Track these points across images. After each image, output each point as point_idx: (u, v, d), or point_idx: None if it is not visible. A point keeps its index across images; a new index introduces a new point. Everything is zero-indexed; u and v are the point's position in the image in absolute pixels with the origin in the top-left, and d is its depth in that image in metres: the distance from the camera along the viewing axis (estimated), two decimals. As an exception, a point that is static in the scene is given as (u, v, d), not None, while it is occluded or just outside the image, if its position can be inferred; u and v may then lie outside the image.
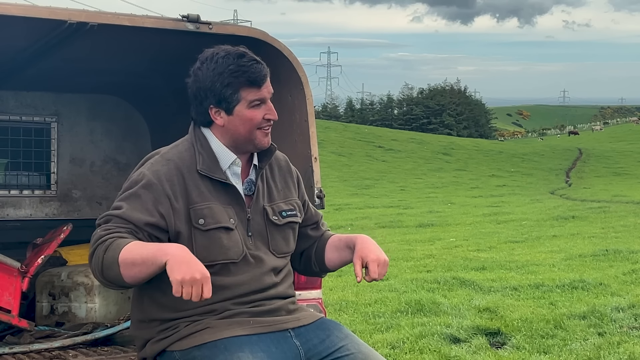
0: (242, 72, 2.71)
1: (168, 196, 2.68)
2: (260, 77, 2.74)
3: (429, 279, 9.50)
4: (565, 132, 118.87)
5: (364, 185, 37.57)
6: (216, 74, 2.71)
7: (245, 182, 2.85)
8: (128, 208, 2.65)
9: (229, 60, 2.72)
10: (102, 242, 2.58)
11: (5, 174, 5.40)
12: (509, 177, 45.02)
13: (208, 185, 2.75)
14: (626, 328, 6.67)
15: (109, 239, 2.57)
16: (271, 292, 2.82)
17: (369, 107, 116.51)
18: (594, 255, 11.59)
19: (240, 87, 2.72)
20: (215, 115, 2.77)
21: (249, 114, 2.75)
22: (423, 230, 17.43)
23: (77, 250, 4.95)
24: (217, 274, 2.72)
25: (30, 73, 4.75)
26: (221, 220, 2.73)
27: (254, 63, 2.74)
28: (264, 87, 2.76)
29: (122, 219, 2.63)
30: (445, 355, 5.97)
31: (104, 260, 2.55)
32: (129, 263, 2.51)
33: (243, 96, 2.73)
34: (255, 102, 2.75)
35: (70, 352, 3.88)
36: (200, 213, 2.70)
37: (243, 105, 2.74)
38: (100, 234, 2.61)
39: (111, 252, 2.54)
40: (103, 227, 2.64)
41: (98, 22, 3.51)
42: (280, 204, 2.91)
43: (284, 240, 2.90)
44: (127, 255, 2.51)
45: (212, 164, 2.78)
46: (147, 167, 2.73)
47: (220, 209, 2.74)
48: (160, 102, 5.16)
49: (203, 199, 2.73)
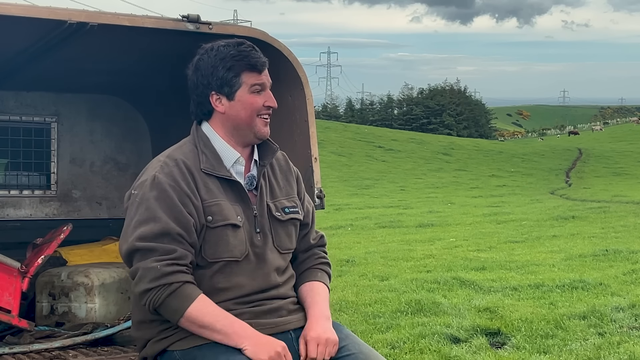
0: (243, 56, 2.78)
1: (187, 195, 2.70)
2: (260, 62, 2.81)
3: (429, 279, 9.48)
4: (565, 132, 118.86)
5: (364, 185, 37.56)
6: (218, 59, 2.77)
7: (247, 177, 2.87)
8: (166, 219, 2.64)
9: (230, 48, 2.79)
10: (166, 284, 2.61)
11: (5, 174, 5.40)
12: (509, 177, 44.99)
13: (215, 182, 2.78)
14: (626, 328, 6.66)
15: (175, 283, 2.61)
16: (272, 292, 2.83)
17: (369, 107, 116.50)
18: (594, 255, 11.58)
19: (242, 71, 2.77)
20: (217, 103, 2.80)
21: (250, 99, 2.79)
22: (423, 230, 17.41)
23: (77, 250, 4.95)
24: (219, 272, 2.74)
25: (30, 73, 4.75)
26: (229, 217, 2.75)
27: (252, 50, 2.82)
28: (264, 74, 2.82)
29: (168, 238, 2.63)
30: (445, 355, 5.97)
31: (164, 303, 2.62)
32: (197, 324, 2.63)
33: (244, 80, 2.78)
34: (255, 86, 2.79)
35: (70, 352, 3.88)
36: (209, 210, 2.72)
37: (244, 90, 2.78)
38: (163, 270, 2.60)
39: (178, 300, 2.61)
40: (160, 260, 2.61)
41: (98, 22, 3.52)
42: (283, 200, 2.93)
43: (287, 237, 2.92)
44: (198, 315, 2.62)
45: (216, 162, 2.80)
46: (158, 171, 2.72)
47: (228, 206, 2.76)
48: (160, 102, 5.16)
49: (211, 196, 2.75)
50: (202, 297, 2.65)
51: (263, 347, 2.61)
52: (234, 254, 2.75)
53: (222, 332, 2.63)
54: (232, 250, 2.75)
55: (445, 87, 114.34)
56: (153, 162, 2.82)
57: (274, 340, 2.65)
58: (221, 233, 2.73)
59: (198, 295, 2.64)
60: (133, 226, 2.67)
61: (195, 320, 2.63)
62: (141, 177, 2.78)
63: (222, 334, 2.63)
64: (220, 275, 2.74)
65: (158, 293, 2.61)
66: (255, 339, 2.63)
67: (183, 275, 2.64)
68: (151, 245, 2.63)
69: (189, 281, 2.65)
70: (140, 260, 2.64)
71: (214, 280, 2.73)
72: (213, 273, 2.74)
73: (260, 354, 2.59)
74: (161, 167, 2.74)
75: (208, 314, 2.63)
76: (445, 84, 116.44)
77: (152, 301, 2.63)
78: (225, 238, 2.74)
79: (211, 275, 2.74)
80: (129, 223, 2.69)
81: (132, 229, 2.67)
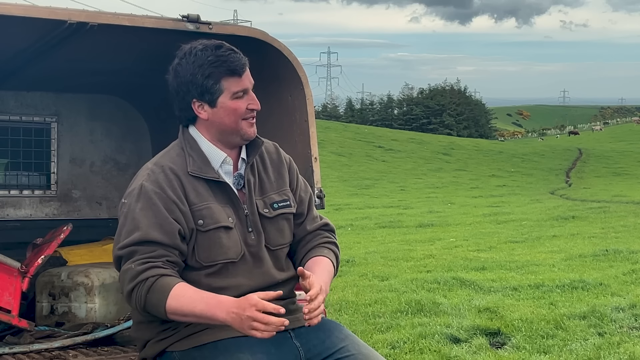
0: (222, 62, 2.71)
1: (174, 201, 2.68)
2: (240, 65, 2.74)
3: (429, 279, 9.48)
4: (565, 132, 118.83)
5: (364, 185, 37.54)
6: (196, 67, 2.71)
7: (234, 177, 2.84)
8: (147, 228, 2.62)
9: (207, 52, 2.72)
10: (142, 281, 2.58)
11: (5, 174, 5.40)
12: (509, 177, 44.97)
13: (204, 185, 2.75)
14: (626, 328, 6.66)
15: (150, 278, 2.58)
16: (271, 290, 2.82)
17: (369, 107, 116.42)
18: (594, 255, 11.57)
19: (222, 77, 2.72)
20: (199, 110, 2.77)
21: (233, 104, 2.75)
22: (423, 230, 17.41)
23: (77, 250, 4.95)
24: (217, 274, 2.73)
25: (30, 73, 4.75)
26: (220, 220, 2.73)
27: (231, 53, 2.75)
28: (244, 77, 2.76)
29: (147, 243, 2.61)
30: (445, 355, 5.97)
31: (146, 300, 2.59)
32: (178, 313, 2.57)
33: (225, 87, 2.73)
34: (238, 93, 2.74)
35: (70, 352, 3.88)
36: (199, 214, 2.71)
37: (226, 97, 2.74)
38: (137, 269, 2.59)
39: (156, 294, 2.57)
40: (136, 260, 2.60)
41: (98, 22, 3.51)
42: (273, 195, 2.89)
43: (277, 232, 2.87)
44: (176, 305, 2.55)
45: (203, 164, 2.77)
46: (145, 179, 2.71)
47: (218, 208, 2.74)
48: (160, 102, 5.16)
49: (201, 199, 2.73)
50: (179, 286, 2.58)
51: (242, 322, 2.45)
52: (230, 255, 2.74)
53: (203, 316, 2.55)
54: (227, 252, 2.73)
55: (445, 87, 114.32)
56: (142, 170, 2.80)
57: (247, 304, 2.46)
58: (214, 236, 2.71)
59: (175, 285, 2.58)
60: (119, 236, 2.68)
61: (176, 310, 2.57)
62: (131, 185, 2.77)
63: (205, 318, 2.56)
64: (218, 277, 2.73)
65: (138, 292, 2.59)
66: (233, 314, 2.48)
67: (157, 269, 2.60)
68: (131, 249, 2.63)
69: (165, 274, 2.60)
70: (121, 266, 2.66)
71: (211, 281, 2.72)
72: (210, 275, 2.72)
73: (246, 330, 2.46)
74: (148, 175, 2.72)
75: (185, 301, 2.55)
76: (446, 84, 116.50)
77: (137, 302, 2.61)
78: (219, 241, 2.72)
79: (206, 276, 2.72)
80: (119, 232, 2.70)
81: (118, 238, 2.68)
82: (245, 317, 2.46)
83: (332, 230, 3.06)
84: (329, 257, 2.90)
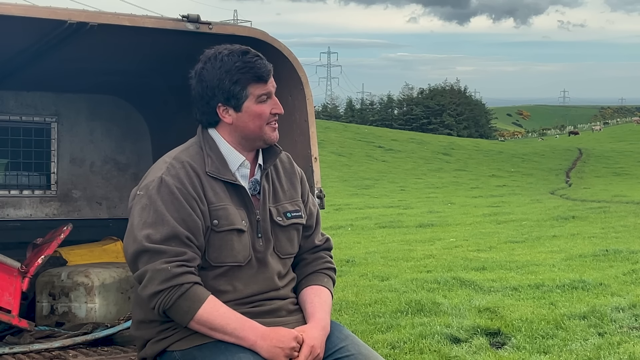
0: (249, 68, 2.74)
1: (194, 197, 2.68)
2: (266, 72, 2.77)
3: (429, 279, 9.48)
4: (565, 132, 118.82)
5: (364, 185, 37.54)
6: (223, 72, 2.73)
7: (250, 182, 2.86)
8: (174, 223, 2.62)
9: (234, 58, 2.74)
10: (176, 285, 2.59)
11: (5, 174, 5.40)
12: (509, 177, 44.97)
13: (221, 186, 2.76)
14: (626, 328, 6.66)
15: (186, 284, 2.60)
16: (272, 293, 2.83)
17: (369, 107, 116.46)
18: (594, 255, 11.57)
19: (248, 84, 2.74)
20: (224, 114, 2.78)
21: (257, 109, 2.77)
22: (423, 230, 17.40)
23: (77, 250, 4.95)
24: (223, 276, 2.74)
25: (30, 73, 4.75)
26: (235, 222, 2.74)
27: (258, 59, 2.77)
28: (269, 82, 2.79)
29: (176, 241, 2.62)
30: (445, 355, 5.97)
31: (175, 304, 2.60)
32: (207, 326, 2.62)
33: (251, 92, 2.75)
34: (262, 96, 2.77)
35: (70, 352, 3.88)
36: (215, 214, 2.71)
37: (251, 101, 2.76)
38: (173, 271, 2.59)
39: (188, 302, 2.60)
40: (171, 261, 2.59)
41: (98, 22, 3.51)
42: (286, 204, 2.92)
43: (288, 242, 2.90)
44: (208, 317, 2.61)
45: (221, 165, 2.78)
46: (165, 173, 2.70)
47: (234, 210, 2.75)
48: (160, 102, 5.16)
49: (218, 199, 2.74)
50: (212, 299, 2.64)
51: (277, 349, 2.61)
52: (238, 259, 2.75)
53: (234, 334, 2.63)
54: (236, 255, 2.74)
55: (445, 87, 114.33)
56: (159, 163, 2.79)
57: (286, 335, 2.64)
58: (226, 237, 2.72)
59: (208, 297, 2.63)
60: (140, 228, 2.64)
61: (206, 322, 2.62)
62: (147, 177, 2.76)
63: (234, 337, 2.63)
64: (222, 279, 2.74)
65: (169, 295, 2.59)
66: (268, 339, 2.62)
67: (193, 276, 2.63)
68: (160, 248, 2.61)
69: (198, 282, 2.64)
70: (148, 262, 2.61)
71: (215, 282, 2.72)
72: (215, 276, 2.73)
73: (277, 356, 2.61)
74: (167, 169, 2.72)
75: (219, 316, 2.62)
76: (445, 84, 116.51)
77: (163, 303, 2.61)
78: (230, 243, 2.73)
79: (213, 277, 2.73)
80: (136, 224, 2.66)
81: (140, 230, 2.63)
82: (286, 346, 2.62)
83: (332, 247, 3.12)
84: (328, 287, 2.99)
